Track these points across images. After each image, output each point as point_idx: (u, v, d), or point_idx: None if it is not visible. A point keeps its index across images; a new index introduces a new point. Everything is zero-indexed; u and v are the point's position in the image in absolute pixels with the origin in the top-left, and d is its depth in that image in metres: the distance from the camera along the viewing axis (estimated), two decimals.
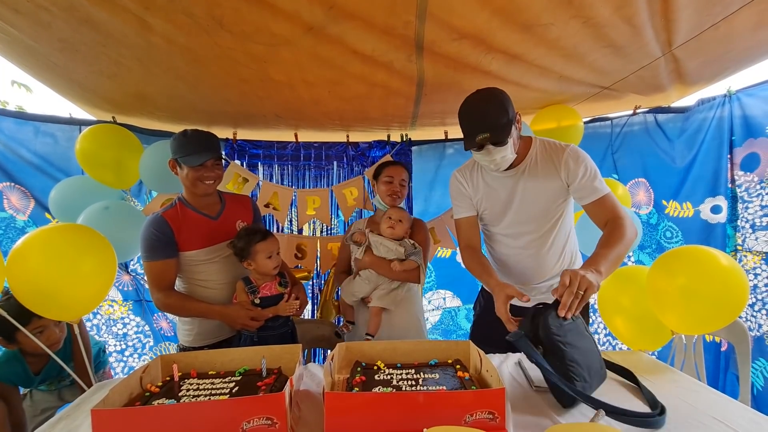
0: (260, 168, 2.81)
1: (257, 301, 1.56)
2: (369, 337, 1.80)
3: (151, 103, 2.22)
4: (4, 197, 2.35)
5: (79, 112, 2.43)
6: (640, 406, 1.09)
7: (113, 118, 2.42)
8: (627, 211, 1.41)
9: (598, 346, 1.28)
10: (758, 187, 2.24)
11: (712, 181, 2.40)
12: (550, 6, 1.34)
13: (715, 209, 2.41)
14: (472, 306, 2.97)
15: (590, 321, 1.87)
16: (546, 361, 1.08)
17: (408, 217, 1.90)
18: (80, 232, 1.59)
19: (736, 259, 2.35)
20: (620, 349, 2.44)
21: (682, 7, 1.40)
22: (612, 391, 1.19)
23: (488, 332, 1.63)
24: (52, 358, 1.60)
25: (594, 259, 1.24)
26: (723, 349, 2.42)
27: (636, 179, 2.65)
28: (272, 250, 1.59)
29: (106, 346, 2.67)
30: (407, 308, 1.90)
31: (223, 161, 1.67)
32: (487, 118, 1.35)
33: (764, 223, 2.23)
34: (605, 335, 2.81)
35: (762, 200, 2.23)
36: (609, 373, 1.26)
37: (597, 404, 1.00)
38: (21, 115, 2.38)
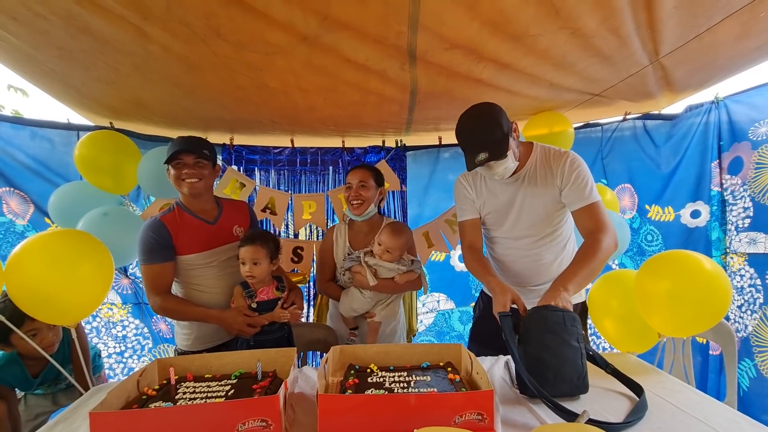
0: (257, 173, 2.85)
1: (254, 305, 1.57)
2: None
3: (149, 109, 2.24)
4: (3, 202, 2.35)
5: (77, 118, 2.44)
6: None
7: (110, 123, 2.43)
8: (612, 222, 1.44)
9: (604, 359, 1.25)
10: (741, 189, 2.29)
11: (694, 186, 2.45)
12: (537, 18, 1.38)
13: (695, 214, 2.46)
14: (465, 308, 3.02)
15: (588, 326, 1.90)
16: (517, 348, 1.16)
17: (398, 246, 1.77)
18: (78, 237, 1.60)
19: (726, 262, 2.39)
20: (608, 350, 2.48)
21: (666, 19, 1.44)
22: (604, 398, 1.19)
23: (487, 334, 1.66)
24: (50, 362, 1.62)
25: (565, 276, 1.30)
26: (715, 353, 2.44)
27: (622, 185, 2.70)
28: (246, 257, 1.55)
29: (103, 350, 2.68)
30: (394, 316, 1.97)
31: (221, 165, 1.68)
32: (482, 137, 1.38)
33: (746, 225, 2.27)
34: (595, 336, 2.85)
35: (745, 202, 2.27)
36: (614, 383, 1.23)
37: (542, 396, 1.06)
38: (18, 120, 2.39)
